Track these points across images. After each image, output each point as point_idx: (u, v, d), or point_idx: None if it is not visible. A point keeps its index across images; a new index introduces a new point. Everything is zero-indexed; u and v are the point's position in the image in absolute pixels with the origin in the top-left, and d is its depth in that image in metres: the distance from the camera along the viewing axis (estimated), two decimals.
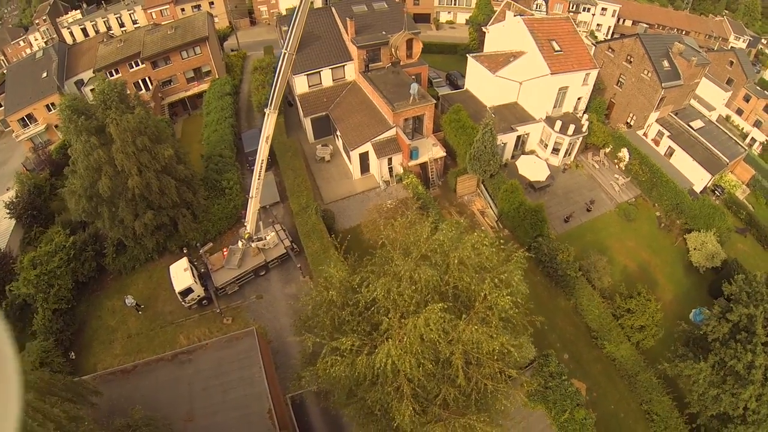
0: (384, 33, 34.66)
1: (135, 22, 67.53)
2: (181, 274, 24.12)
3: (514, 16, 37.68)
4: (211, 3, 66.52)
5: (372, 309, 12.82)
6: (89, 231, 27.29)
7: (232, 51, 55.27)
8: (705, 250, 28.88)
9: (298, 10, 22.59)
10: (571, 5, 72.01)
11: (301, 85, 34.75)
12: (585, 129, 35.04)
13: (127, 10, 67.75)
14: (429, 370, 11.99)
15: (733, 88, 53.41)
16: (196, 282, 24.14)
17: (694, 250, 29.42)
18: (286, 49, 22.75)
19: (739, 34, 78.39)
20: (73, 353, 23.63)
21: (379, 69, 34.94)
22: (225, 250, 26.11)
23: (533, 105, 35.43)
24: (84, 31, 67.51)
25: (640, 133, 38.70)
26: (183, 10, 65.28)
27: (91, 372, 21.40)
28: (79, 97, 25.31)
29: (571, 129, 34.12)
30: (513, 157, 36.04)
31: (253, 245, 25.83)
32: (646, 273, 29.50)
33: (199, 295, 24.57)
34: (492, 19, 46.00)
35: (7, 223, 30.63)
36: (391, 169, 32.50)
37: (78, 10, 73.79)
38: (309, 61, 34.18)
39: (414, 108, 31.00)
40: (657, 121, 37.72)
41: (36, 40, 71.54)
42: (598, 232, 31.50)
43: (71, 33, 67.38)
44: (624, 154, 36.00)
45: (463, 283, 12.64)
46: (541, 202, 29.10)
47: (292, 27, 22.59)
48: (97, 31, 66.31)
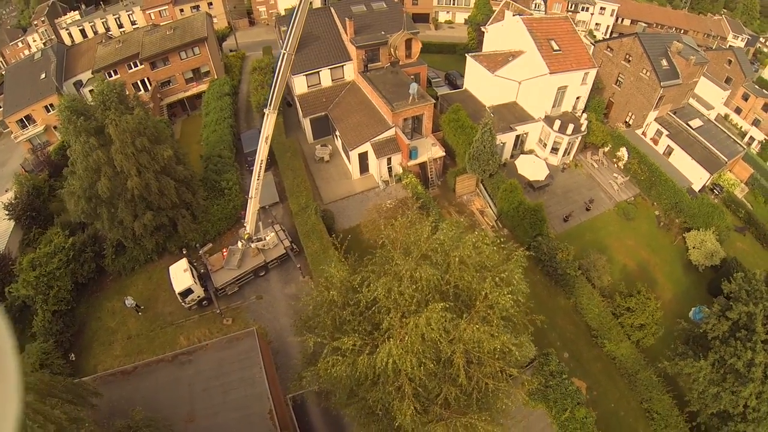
0: (383, 33, 34.66)
1: (134, 23, 67.52)
2: (180, 275, 24.11)
3: (513, 15, 37.71)
4: (210, 3, 66.54)
5: (373, 309, 12.81)
6: (88, 232, 27.26)
7: (231, 51, 55.17)
8: (704, 248, 28.94)
9: (298, 10, 22.61)
10: (570, 5, 72.01)
11: (300, 85, 34.75)
12: (584, 128, 35.06)
13: (126, 11, 67.74)
14: (430, 370, 11.97)
15: (732, 87, 53.54)
16: (195, 283, 24.11)
17: (694, 248, 29.48)
18: (285, 49, 22.75)
19: (738, 33, 78.57)
20: (72, 355, 23.60)
21: (378, 69, 34.94)
22: (225, 250, 26.08)
23: (532, 104, 35.47)
24: (82, 32, 67.49)
25: (639, 132, 38.77)
26: (182, 10, 65.32)
27: (91, 373, 21.36)
28: (78, 98, 25.25)
29: (570, 128, 34.17)
30: (512, 156, 36.08)
31: (252, 246, 25.81)
32: (645, 272, 29.55)
33: (199, 296, 24.55)
34: (491, 18, 46.10)
35: (6, 225, 30.56)
36: (390, 169, 32.50)
37: (76, 11, 73.74)
38: (308, 61, 34.19)
39: (413, 108, 31.00)
40: (656, 120, 37.77)
41: (34, 41, 71.36)
42: (598, 231, 31.56)
43: (70, 34, 67.36)
44: (623, 153, 36.04)
45: (463, 282, 12.64)
46: (540, 201, 29.13)
47: (292, 27, 22.60)
48: (96, 32, 66.29)
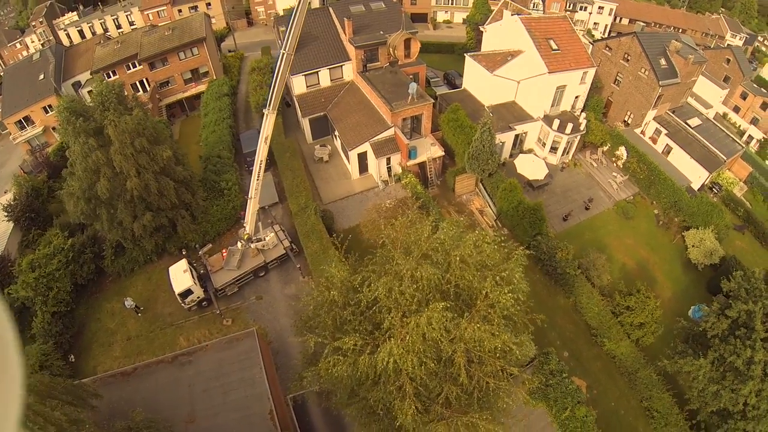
0: (382, 33, 34.65)
1: (132, 24, 67.41)
2: (180, 276, 24.06)
3: (512, 15, 37.77)
4: (208, 4, 66.44)
5: (374, 308, 12.81)
6: (88, 233, 27.22)
7: (230, 52, 55.16)
8: (703, 247, 28.99)
9: (296, 10, 22.63)
10: (568, 4, 71.95)
11: (299, 85, 34.73)
12: (583, 127, 35.10)
13: (124, 12, 67.61)
14: (431, 369, 11.98)
15: (730, 86, 53.57)
16: (195, 283, 24.07)
17: (693, 247, 29.52)
18: (284, 49, 22.76)
19: (736, 32, 78.62)
20: (72, 356, 23.56)
21: (377, 69, 34.94)
22: (224, 251, 26.05)
23: (531, 104, 35.48)
24: (81, 33, 67.32)
25: (638, 131, 38.83)
26: (180, 11, 65.22)
27: (90, 375, 21.34)
28: (77, 98, 25.26)
29: (569, 127, 34.21)
30: (511, 155, 36.10)
31: (252, 246, 25.79)
32: (644, 270, 29.59)
33: (198, 297, 24.51)
34: (489, 18, 46.12)
35: (5, 226, 30.48)
36: (389, 169, 32.49)
37: (74, 12, 73.59)
38: (307, 61, 34.16)
39: (412, 107, 30.99)
40: (654, 119, 37.84)
41: (33, 42, 71.17)
42: (597, 230, 31.59)
43: (68, 35, 67.19)
44: (622, 152, 36.09)
45: (464, 281, 12.65)
46: (539, 200, 29.14)
47: (290, 27, 22.61)
48: (94, 33, 66.10)
